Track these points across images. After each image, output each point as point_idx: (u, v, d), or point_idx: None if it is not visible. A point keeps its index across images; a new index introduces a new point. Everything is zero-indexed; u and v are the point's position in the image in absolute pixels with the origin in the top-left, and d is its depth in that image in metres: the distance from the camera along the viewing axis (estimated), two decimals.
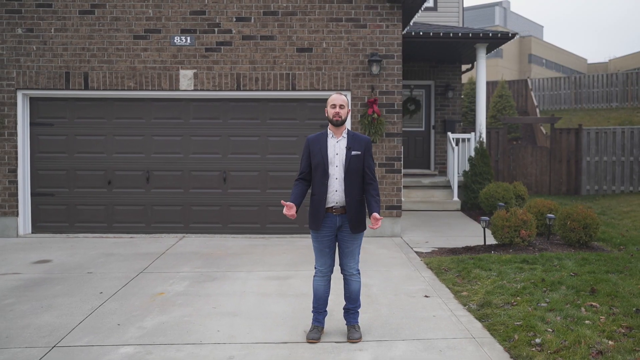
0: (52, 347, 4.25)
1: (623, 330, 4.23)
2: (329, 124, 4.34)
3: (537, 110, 22.99)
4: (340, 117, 4.26)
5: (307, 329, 4.55)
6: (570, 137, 15.15)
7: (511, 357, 3.96)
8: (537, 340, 4.14)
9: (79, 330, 4.61)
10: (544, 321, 4.52)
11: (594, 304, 4.86)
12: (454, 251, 7.38)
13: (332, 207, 4.31)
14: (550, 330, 4.32)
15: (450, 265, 6.55)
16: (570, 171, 15.10)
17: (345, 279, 4.41)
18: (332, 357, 3.99)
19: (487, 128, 16.00)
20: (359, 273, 4.44)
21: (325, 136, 4.35)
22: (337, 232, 4.36)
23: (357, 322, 4.44)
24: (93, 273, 6.51)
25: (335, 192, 4.29)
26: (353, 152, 4.26)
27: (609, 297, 5.02)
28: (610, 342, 4.01)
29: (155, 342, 4.33)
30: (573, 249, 7.22)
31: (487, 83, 25.73)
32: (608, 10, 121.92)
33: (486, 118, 21.56)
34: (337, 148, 4.29)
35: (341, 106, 4.28)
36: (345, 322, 4.46)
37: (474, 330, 4.53)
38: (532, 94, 24.29)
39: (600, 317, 4.53)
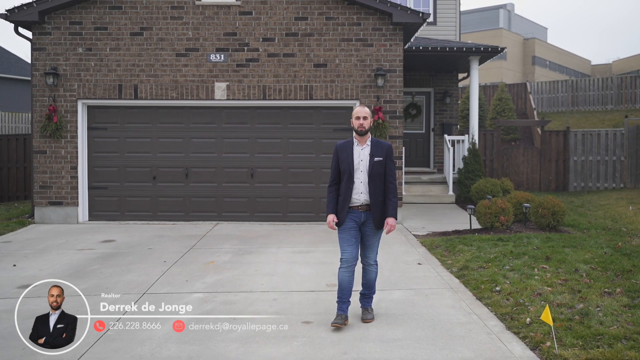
0: (143, 294, 5.85)
1: (560, 282, 5.77)
2: (354, 132, 4.84)
3: (535, 113, 24.27)
4: (364, 127, 4.74)
5: (328, 283, 6.11)
6: (559, 138, 16.63)
7: (477, 298, 5.52)
8: (497, 288, 5.69)
9: (158, 284, 6.20)
10: (505, 277, 6.06)
11: (545, 266, 6.39)
12: (444, 233, 8.93)
13: (357, 205, 4.78)
14: (508, 282, 5.87)
15: (440, 243, 8.10)
16: (559, 169, 16.57)
17: (364, 268, 4.94)
18: None
19: (484, 130, 17.52)
20: (377, 264, 4.94)
21: (351, 144, 4.82)
22: (361, 227, 4.82)
23: (371, 305, 4.97)
24: (153, 249, 8.11)
25: (361, 194, 4.75)
26: (375, 159, 4.72)
27: (558, 262, 6.55)
28: (548, 288, 5.55)
29: (217, 291, 5.91)
30: (543, 231, 8.73)
31: (489, 86, 27.18)
32: (612, 11, 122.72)
33: (486, 120, 23.04)
34: (362, 155, 4.77)
35: (364, 117, 4.75)
36: (360, 305, 5.01)
37: (453, 284, 6.09)
38: (531, 96, 25.60)
39: (547, 274, 6.07)
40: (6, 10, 9.95)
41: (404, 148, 11.85)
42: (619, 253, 7.01)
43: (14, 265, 7.14)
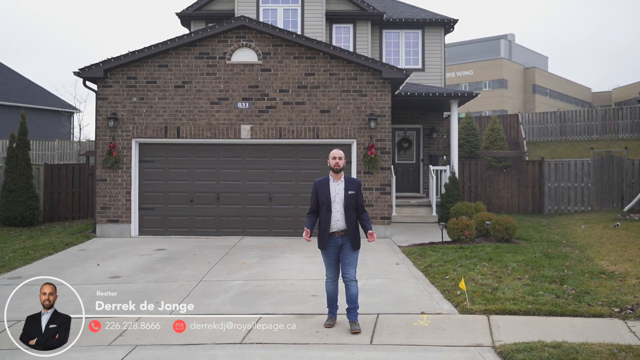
0: (200, 281, 8.35)
1: (491, 273, 8.22)
2: (330, 170, 5.88)
3: (525, 142, 26.61)
4: (339, 166, 5.80)
5: None
6: (535, 167, 19.10)
7: (431, 283, 7.99)
8: (447, 277, 8.15)
9: (208, 276, 8.71)
10: (454, 270, 8.53)
11: (485, 264, 8.85)
12: (422, 244, 11.39)
13: (335, 232, 5.80)
14: (455, 273, 8.33)
15: (416, 251, 10.57)
16: (535, 195, 18.99)
17: (345, 285, 5.89)
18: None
19: (469, 159, 20.02)
20: (356, 281, 5.92)
21: (327, 181, 5.84)
22: (339, 250, 5.86)
23: (357, 319, 5.90)
24: (197, 255, 10.62)
25: (337, 222, 5.79)
26: (349, 192, 5.77)
27: (497, 262, 9.00)
28: (480, 276, 8.01)
29: (252, 279, 8.42)
30: (499, 243, 11.15)
31: (485, 117, 29.71)
32: (613, 39, 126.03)
33: (479, 148, 25.51)
34: (337, 189, 5.80)
35: (339, 158, 5.79)
36: (348, 319, 6.00)
37: (418, 275, 8.56)
38: (522, 127, 27.99)
39: (484, 268, 8.53)
40: (79, 69, 12.71)
41: (394, 177, 14.39)
42: (546, 256, 9.46)
43: (98, 265, 9.68)
